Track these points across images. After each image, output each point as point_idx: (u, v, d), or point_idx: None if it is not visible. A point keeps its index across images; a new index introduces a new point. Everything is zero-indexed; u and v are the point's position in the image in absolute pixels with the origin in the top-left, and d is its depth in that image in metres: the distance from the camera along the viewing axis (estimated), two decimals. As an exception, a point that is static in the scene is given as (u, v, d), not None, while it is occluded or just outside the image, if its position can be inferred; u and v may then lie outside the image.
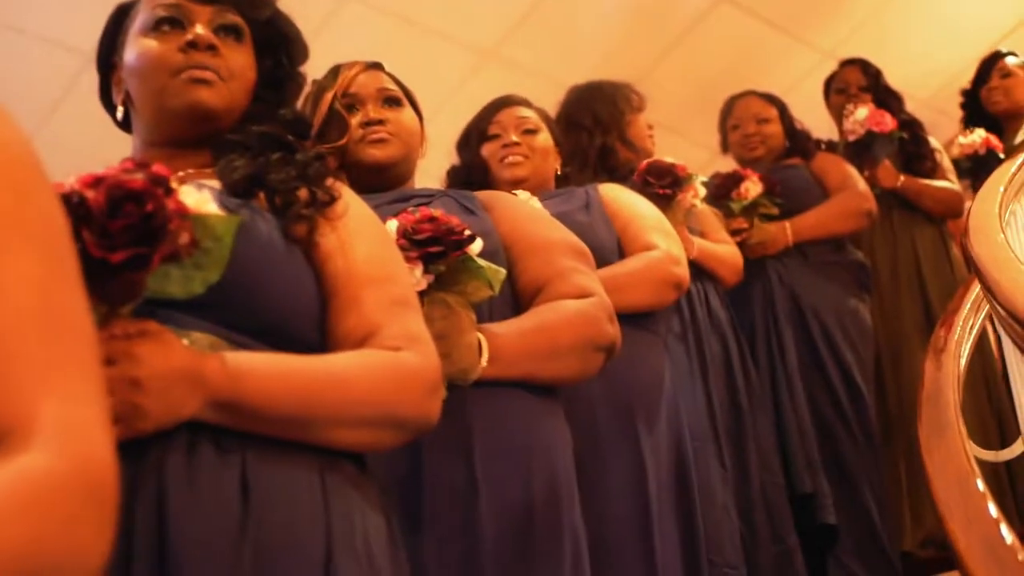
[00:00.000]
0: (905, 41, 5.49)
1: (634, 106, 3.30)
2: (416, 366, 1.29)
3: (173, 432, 1.11)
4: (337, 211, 1.40)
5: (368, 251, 1.38)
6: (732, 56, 5.33)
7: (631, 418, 2.22)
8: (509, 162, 2.66)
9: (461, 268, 1.62)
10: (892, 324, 3.77)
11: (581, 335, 1.76)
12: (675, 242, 2.55)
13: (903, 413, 3.60)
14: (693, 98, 4.96)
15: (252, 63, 1.53)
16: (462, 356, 1.60)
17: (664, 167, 2.96)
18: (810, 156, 3.88)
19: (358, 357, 1.28)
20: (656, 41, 5.26)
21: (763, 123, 3.89)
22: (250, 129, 1.47)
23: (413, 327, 1.35)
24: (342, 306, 1.33)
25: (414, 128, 2.09)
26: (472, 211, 1.86)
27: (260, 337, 1.24)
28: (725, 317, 3.10)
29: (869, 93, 4.22)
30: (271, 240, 1.30)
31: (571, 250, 1.89)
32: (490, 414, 1.65)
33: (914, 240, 3.93)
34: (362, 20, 4.85)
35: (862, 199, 3.68)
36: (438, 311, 1.60)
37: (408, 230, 1.58)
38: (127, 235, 1.04)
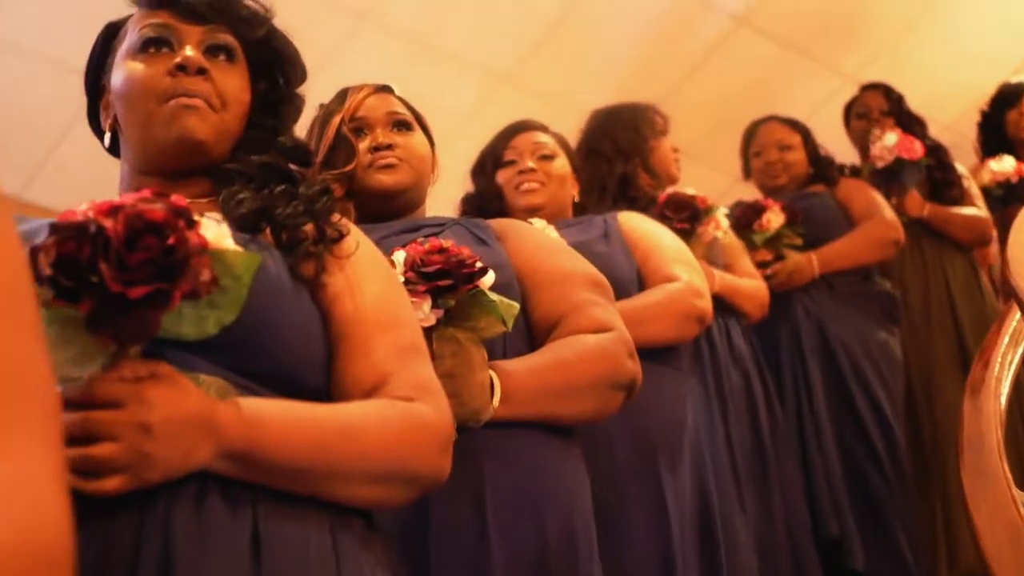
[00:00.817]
0: (927, 64, 5.43)
1: (658, 130, 3.21)
2: (430, 419, 1.23)
3: (181, 482, 1.04)
4: (345, 249, 1.33)
5: (378, 293, 1.32)
6: (752, 80, 5.28)
7: (652, 458, 2.14)
8: (525, 189, 2.58)
9: (472, 302, 1.53)
10: (925, 356, 3.66)
11: (599, 372, 1.67)
12: (698, 273, 2.46)
13: (938, 448, 3.50)
14: (712, 124, 4.89)
15: (246, 85, 1.44)
16: (473, 396, 1.52)
17: (683, 200, 2.88)
18: (834, 183, 3.79)
19: (374, 408, 1.22)
20: (674, 66, 5.20)
21: (786, 150, 3.80)
22: (250, 159, 1.39)
23: (424, 376, 1.29)
24: (351, 352, 1.26)
25: (425, 153, 2.00)
26: (485, 241, 1.77)
27: (266, 382, 1.17)
28: (748, 352, 3.00)
29: (891, 118, 4.14)
30: (280, 279, 1.24)
31: (589, 282, 1.80)
32: (502, 457, 1.56)
33: (945, 270, 3.83)
34: (376, 44, 4.81)
35: (889, 228, 3.58)
36: (448, 348, 1.52)
37: (416, 262, 1.50)
38: (146, 269, 0.97)
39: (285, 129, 1.47)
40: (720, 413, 2.75)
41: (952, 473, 3.43)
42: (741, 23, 5.13)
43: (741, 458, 2.75)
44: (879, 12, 5.28)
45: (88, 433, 0.99)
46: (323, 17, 4.65)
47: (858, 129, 4.24)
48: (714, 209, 2.94)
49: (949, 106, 5.34)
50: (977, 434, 1.63)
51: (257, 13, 1.47)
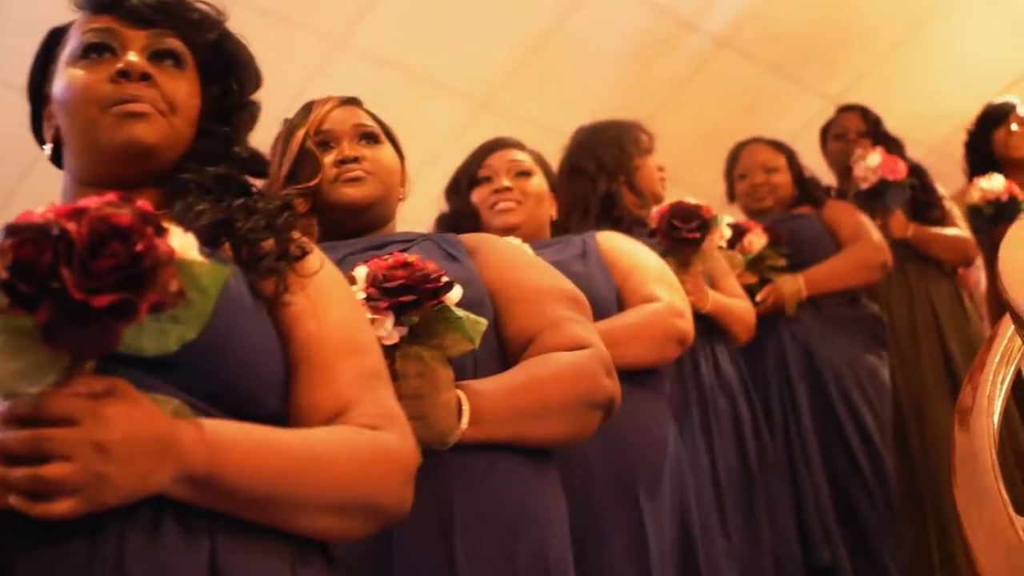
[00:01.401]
0: (913, 87, 5.42)
1: (643, 147, 3.15)
2: (396, 449, 1.19)
3: (135, 507, 0.97)
4: (308, 268, 1.28)
5: (341, 316, 1.27)
6: (734, 104, 5.25)
7: (631, 484, 2.06)
8: (500, 208, 2.53)
9: (437, 319, 1.47)
10: (913, 380, 3.62)
11: (575, 391, 1.59)
12: (678, 293, 2.40)
13: (930, 472, 3.47)
14: (694, 147, 4.85)
15: (196, 91, 1.38)
16: (439, 418, 1.45)
17: (690, 209, 2.78)
18: (821, 205, 3.75)
19: (340, 435, 1.16)
20: (655, 88, 5.17)
21: (771, 172, 3.77)
22: (205, 169, 1.33)
23: (388, 403, 1.24)
24: (312, 376, 1.21)
25: (393, 166, 1.94)
26: (455, 257, 1.71)
27: (223, 404, 1.11)
28: (735, 375, 2.91)
29: (868, 139, 4.11)
30: (241, 296, 1.18)
31: (564, 297, 1.73)
32: (471, 481, 1.49)
33: (931, 293, 3.80)
34: (354, 70, 4.76)
35: (877, 250, 3.55)
36: (412, 367, 1.45)
37: (378, 277, 1.44)
38: (112, 277, 0.90)
39: (240, 138, 1.41)
40: (704, 438, 2.69)
41: (946, 497, 3.37)
42: (723, 45, 5.10)
43: (727, 484, 2.67)
44: (863, 35, 5.27)
45: (38, 452, 0.93)
46: (299, 42, 4.60)
47: (835, 151, 4.22)
48: (718, 218, 2.85)
49: (934, 128, 5.33)
50: (970, 454, 1.57)
51: (208, 16, 1.41)
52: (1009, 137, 4.19)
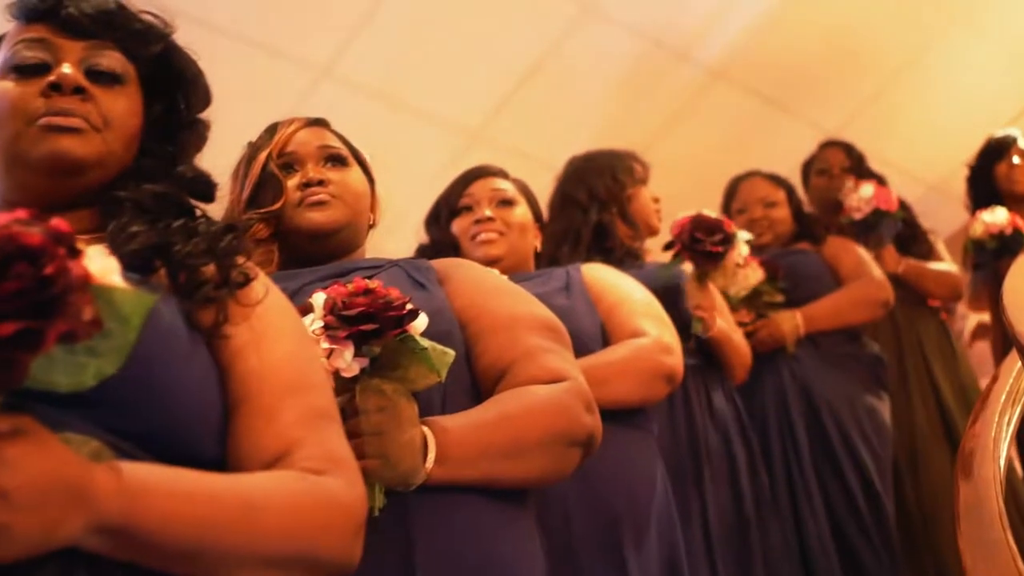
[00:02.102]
0: (912, 121, 5.38)
1: (637, 177, 3.08)
2: (343, 497, 1.09)
3: (41, 561, 0.88)
4: (252, 296, 1.19)
5: (288, 350, 1.18)
6: (729, 137, 5.19)
7: (615, 534, 1.97)
8: (482, 240, 2.45)
9: (401, 350, 1.36)
10: (905, 424, 3.55)
11: (551, 427, 1.47)
12: (667, 329, 2.31)
13: (927, 520, 3.39)
14: (688, 180, 4.78)
15: (137, 109, 1.30)
16: (402, 456, 1.34)
17: (713, 222, 2.69)
18: (821, 241, 3.70)
19: (278, 481, 1.07)
20: (648, 121, 5.11)
21: (771, 207, 3.72)
22: (143, 188, 1.24)
23: (337, 446, 1.15)
24: (254, 415, 1.12)
25: (361, 190, 1.84)
26: (422, 284, 1.61)
27: (150, 446, 1.01)
28: (730, 412, 2.82)
29: (852, 175, 4.09)
30: (174, 327, 1.09)
31: (541, 326, 1.62)
32: (436, 527, 1.38)
33: (919, 332, 3.77)
34: (340, 100, 4.70)
35: (879, 288, 3.50)
36: (373, 402, 1.35)
37: (337, 304, 1.34)
38: (16, 302, 0.81)
39: (185, 158, 1.32)
40: (694, 479, 2.59)
41: (946, 548, 3.28)
42: (717, 77, 5.06)
43: (719, 527, 2.58)
44: (860, 68, 5.23)
45: None
46: (283, 72, 4.55)
47: (818, 186, 4.18)
48: (738, 235, 2.76)
49: (934, 165, 5.28)
50: (975, 503, 1.48)
51: (153, 27, 1.32)
52: (1011, 171, 4.14)
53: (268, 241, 1.77)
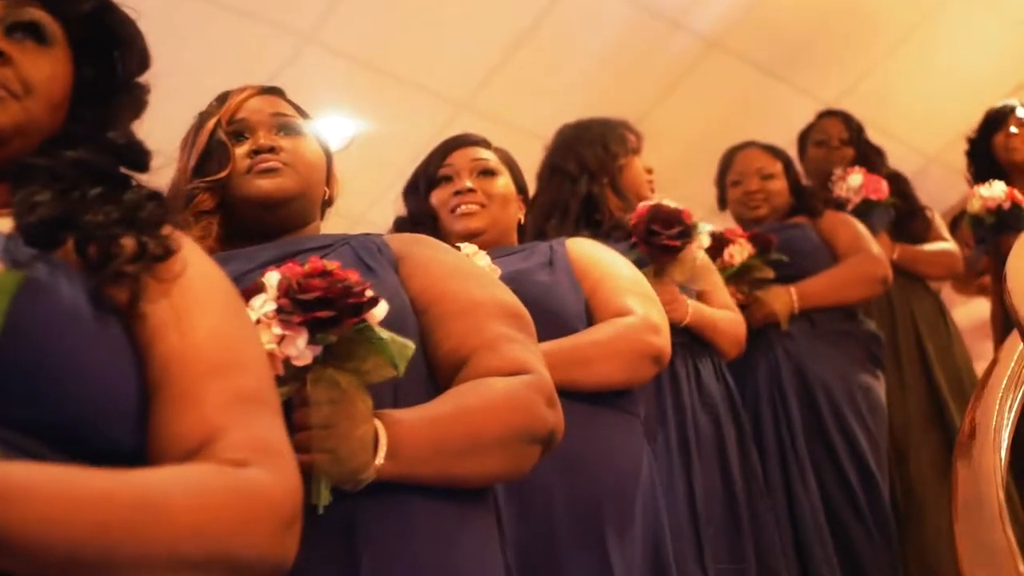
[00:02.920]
0: (913, 92, 5.32)
1: (630, 147, 3.02)
2: (268, 490, 0.99)
3: None
4: (173, 270, 1.08)
5: (213, 326, 1.08)
6: (725, 108, 5.15)
7: (598, 523, 1.89)
8: (462, 212, 2.37)
9: (358, 339, 1.29)
10: (897, 408, 3.48)
11: (511, 423, 1.40)
12: (655, 307, 2.22)
13: (911, 510, 3.33)
14: (683, 153, 4.75)
15: (63, 72, 1.19)
16: (351, 452, 1.25)
17: (671, 213, 2.63)
18: (819, 215, 3.60)
19: (187, 475, 0.96)
20: (641, 91, 5.05)
21: (767, 179, 3.64)
22: (63, 154, 1.14)
23: (269, 434, 1.04)
24: (173, 401, 1.02)
25: (316, 161, 1.75)
26: (372, 268, 1.52)
27: (50, 439, 0.92)
28: (720, 393, 2.74)
29: (850, 147, 4.05)
30: (75, 306, 0.99)
31: (504, 313, 1.53)
32: (386, 527, 1.30)
33: (913, 311, 3.72)
34: (323, 68, 4.62)
35: (876, 264, 3.42)
36: (325, 393, 1.27)
37: (292, 287, 1.25)
38: None
39: (118, 124, 1.22)
40: (682, 462, 2.52)
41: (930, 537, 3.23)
42: (713, 46, 4.99)
43: (708, 510, 2.51)
44: (860, 37, 5.17)
45: None
46: (267, 38, 4.46)
47: (816, 158, 4.12)
48: (698, 226, 2.70)
49: (934, 136, 5.22)
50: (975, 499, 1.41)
51: None
52: (1009, 140, 4.07)
53: (211, 213, 1.68)
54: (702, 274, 2.80)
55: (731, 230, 3.34)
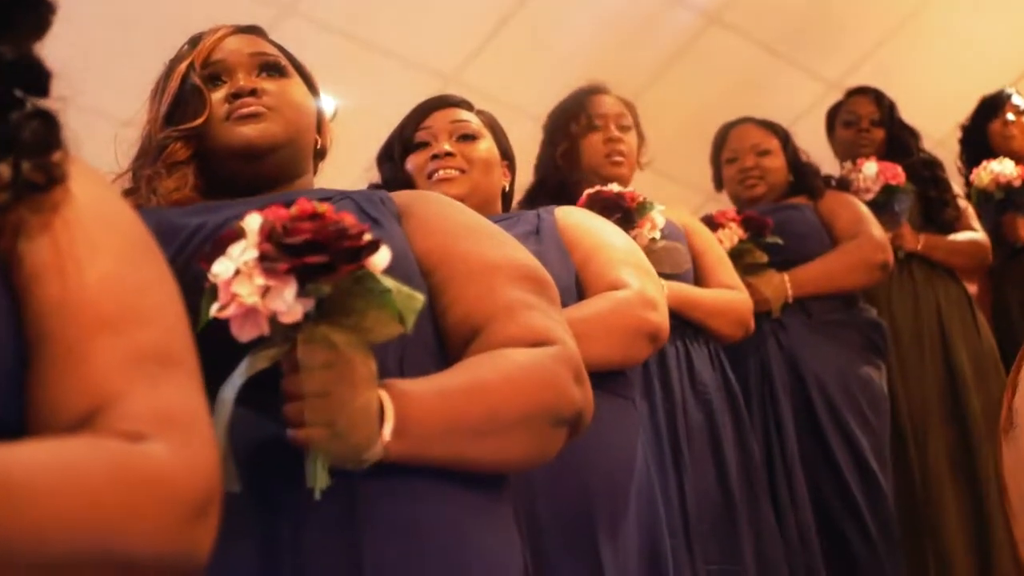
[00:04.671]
0: (919, 74, 5.26)
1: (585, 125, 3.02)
2: (167, 469, 0.84)
3: None
4: (57, 202, 0.93)
5: (108, 271, 0.92)
6: (725, 86, 5.08)
7: (588, 516, 1.83)
8: (440, 178, 2.30)
9: (356, 291, 1.15)
10: (917, 396, 3.44)
11: (535, 401, 1.28)
12: (651, 280, 2.14)
13: (931, 498, 3.28)
14: (680, 135, 4.67)
15: None
16: (353, 425, 1.13)
17: (610, 198, 2.58)
18: (818, 195, 3.53)
19: (54, 450, 0.81)
20: (636, 68, 4.99)
21: (764, 155, 3.57)
22: None
23: (176, 400, 0.90)
24: (55, 361, 0.88)
25: (303, 103, 1.66)
26: (377, 220, 1.43)
27: None
28: (715, 381, 2.67)
29: (881, 128, 3.97)
30: None
31: (523, 276, 1.42)
32: (392, 518, 1.19)
33: (938, 299, 3.64)
34: (303, 39, 4.51)
35: (877, 248, 3.34)
36: (319, 355, 1.13)
37: (277, 230, 1.13)
38: None
39: (11, 40, 1.11)
40: (672, 456, 2.45)
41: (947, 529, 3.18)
42: (712, 21, 4.95)
43: (700, 506, 2.44)
44: (863, 16, 5.14)
45: None
46: (244, 9, 4.36)
47: (844, 139, 4.06)
48: (648, 207, 2.62)
49: (940, 120, 5.16)
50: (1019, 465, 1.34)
51: None
52: (1005, 128, 4.08)
53: (184, 164, 1.58)
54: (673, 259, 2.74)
55: (721, 212, 3.26)
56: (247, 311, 1.13)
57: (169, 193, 1.56)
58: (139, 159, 1.65)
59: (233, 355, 1.17)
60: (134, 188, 1.61)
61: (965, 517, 3.26)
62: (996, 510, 3.21)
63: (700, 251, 2.85)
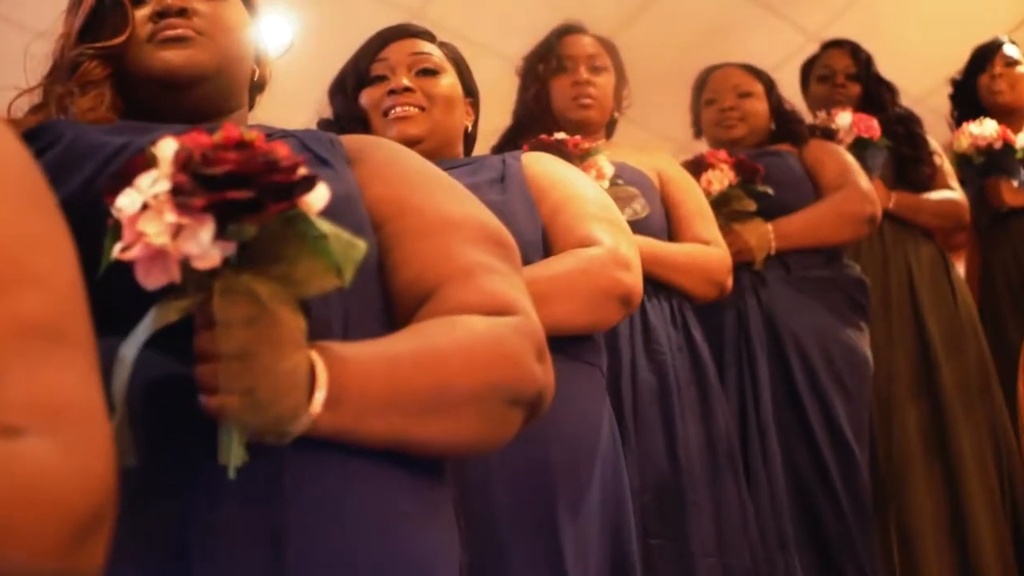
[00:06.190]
0: (899, 29, 5.15)
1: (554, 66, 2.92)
2: (50, 471, 0.72)
3: None
4: None
5: None
6: (700, 33, 4.93)
7: (547, 493, 1.69)
8: (397, 115, 2.14)
9: (287, 234, 0.99)
10: (883, 366, 3.29)
11: (491, 375, 1.14)
12: (625, 237, 1.97)
13: (894, 472, 3.16)
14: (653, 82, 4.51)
15: None
16: (276, 393, 0.97)
17: (550, 144, 2.43)
18: (802, 141, 3.40)
19: None
20: (607, 11, 4.78)
21: (745, 97, 3.43)
22: None
23: (63, 385, 0.77)
24: None
25: (240, 31, 1.50)
26: (326, 160, 1.28)
27: None
28: (676, 341, 2.50)
29: (857, 82, 3.85)
30: None
31: (484, 236, 1.30)
32: (319, 500, 1.05)
33: (908, 260, 3.52)
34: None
35: (864, 200, 3.19)
36: (238, 309, 0.97)
37: (195, 159, 0.95)
38: None
39: None
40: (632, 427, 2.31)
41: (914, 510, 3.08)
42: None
43: (645, 478, 2.29)
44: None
45: None
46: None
47: (818, 94, 3.94)
48: (592, 152, 2.48)
49: (921, 77, 5.10)
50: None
51: None
52: (993, 81, 3.97)
53: (100, 83, 1.43)
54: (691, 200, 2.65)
55: (712, 152, 3.11)
56: (154, 253, 0.96)
57: (84, 113, 1.43)
58: (51, 75, 1.51)
59: (142, 305, 1.01)
60: (42, 105, 1.48)
61: (937, 497, 3.17)
62: (974, 489, 3.13)
63: (676, 201, 2.71)
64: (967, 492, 3.14)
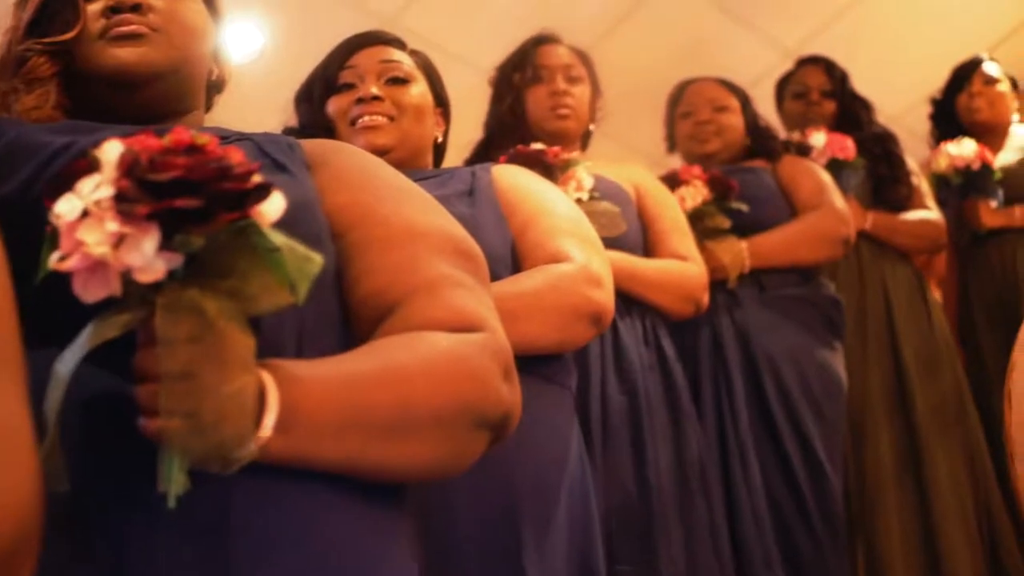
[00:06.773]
0: (877, 48, 5.16)
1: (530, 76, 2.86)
2: None
3: None
4: None
5: None
6: (677, 47, 4.90)
7: (512, 519, 1.63)
8: (365, 124, 2.09)
9: (237, 246, 0.93)
10: (856, 389, 3.26)
11: (456, 396, 1.09)
12: (597, 254, 1.92)
13: (868, 504, 3.14)
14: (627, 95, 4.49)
15: None
16: (221, 417, 0.91)
17: (530, 155, 2.38)
18: (776, 157, 3.37)
19: None
20: (584, 23, 4.78)
21: (721, 111, 3.40)
22: None
23: None
24: None
25: (196, 27, 1.45)
26: (283, 166, 1.22)
27: None
28: (647, 360, 2.45)
29: (833, 99, 3.82)
30: None
31: (451, 248, 1.24)
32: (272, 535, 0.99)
33: (885, 281, 3.49)
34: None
35: (839, 221, 3.16)
36: (182, 326, 0.91)
37: (141, 164, 0.90)
38: None
39: None
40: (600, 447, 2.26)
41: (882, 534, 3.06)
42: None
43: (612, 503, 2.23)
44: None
45: None
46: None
47: (793, 111, 3.91)
48: (572, 163, 2.43)
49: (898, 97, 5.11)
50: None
51: None
52: (972, 100, 3.96)
53: (47, 81, 1.37)
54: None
55: (687, 168, 3.09)
56: (94, 264, 0.90)
57: (27, 111, 1.37)
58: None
59: (84, 316, 0.95)
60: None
61: (908, 524, 3.13)
62: (949, 515, 3.10)
63: (653, 216, 2.67)
64: (940, 515, 3.11)
